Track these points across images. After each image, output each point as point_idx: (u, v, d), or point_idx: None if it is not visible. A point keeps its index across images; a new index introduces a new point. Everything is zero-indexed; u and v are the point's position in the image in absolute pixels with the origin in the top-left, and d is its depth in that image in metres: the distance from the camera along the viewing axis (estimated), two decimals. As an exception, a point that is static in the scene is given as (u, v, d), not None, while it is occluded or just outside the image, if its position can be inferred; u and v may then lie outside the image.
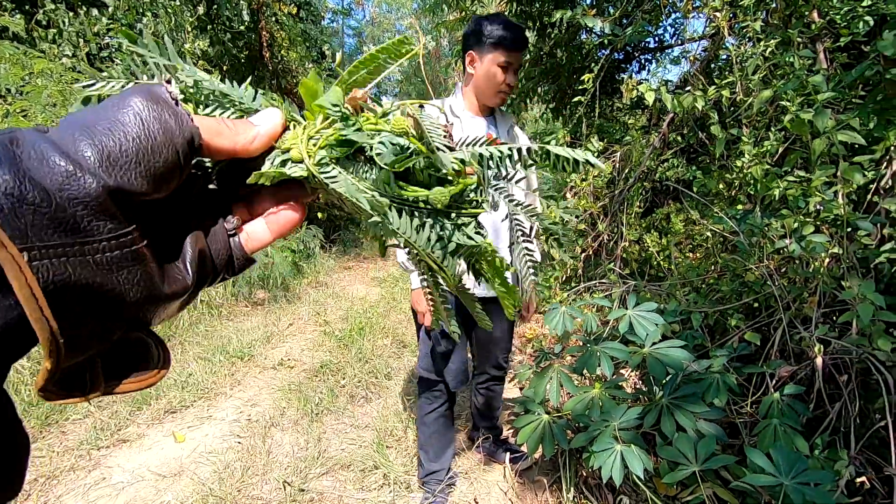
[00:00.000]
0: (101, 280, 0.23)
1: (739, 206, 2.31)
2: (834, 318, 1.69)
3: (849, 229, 1.64)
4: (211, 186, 0.34)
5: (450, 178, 0.35)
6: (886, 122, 1.81)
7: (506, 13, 3.93)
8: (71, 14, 4.22)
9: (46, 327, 0.21)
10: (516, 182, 0.46)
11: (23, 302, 0.20)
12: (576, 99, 3.44)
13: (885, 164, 1.76)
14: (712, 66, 3.41)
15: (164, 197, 0.27)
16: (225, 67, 6.07)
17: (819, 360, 1.51)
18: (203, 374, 2.98)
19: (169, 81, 0.30)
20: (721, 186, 2.46)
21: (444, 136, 0.35)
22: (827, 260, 1.70)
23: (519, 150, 0.38)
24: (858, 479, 1.33)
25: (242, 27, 6.13)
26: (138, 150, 0.25)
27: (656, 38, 4.24)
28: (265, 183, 0.33)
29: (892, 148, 1.69)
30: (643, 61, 4.37)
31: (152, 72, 0.37)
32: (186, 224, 0.31)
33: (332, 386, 2.88)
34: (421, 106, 0.37)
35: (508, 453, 2.08)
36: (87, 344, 0.24)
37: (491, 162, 0.38)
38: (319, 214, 6.61)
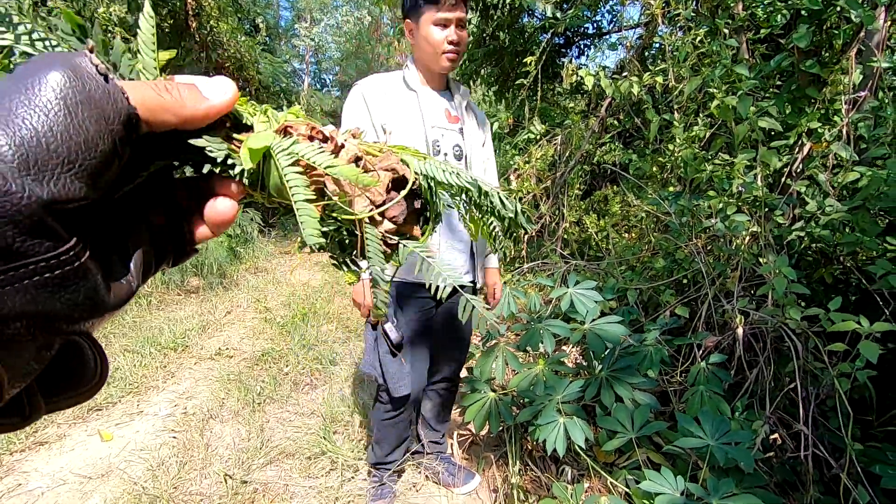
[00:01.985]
0: (42, 307, 0.20)
1: (671, 188, 2.44)
2: (753, 291, 1.83)
3: (766, 209, 1.77)
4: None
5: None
6: (799, 110, 1.97)
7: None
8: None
9: None
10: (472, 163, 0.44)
11: None
12: (518, 82, 3.47)
13: (797, 149, 1.91)
14: (647, 53, 3.55)
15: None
16: (146, 37, 5.58)
17: (740, 331, 1.63)
18: (132, 368, 2.78)
19: (91, 50, 0.24)
20: (655, 169, 2.59)
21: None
22: (747, 238, 1.83)
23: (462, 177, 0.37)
24: (772, 437, 1.46)
25: (165, -7, 5.66)
26: (69, 148, 0.20)
27: (595, 24, 4.36)
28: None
29: (804, 134, 1.84)
30: (582, 47, 4.47)
31: None
32: (124, 215, 0.26)
33: (274, 374, 2.79)
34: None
35: (453, 477, 1.90)
36: (28, 370, 0.21)
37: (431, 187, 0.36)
38: (257, 197, 6.32)
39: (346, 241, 0.35)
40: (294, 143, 0.30)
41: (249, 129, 0.31)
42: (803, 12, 1.90)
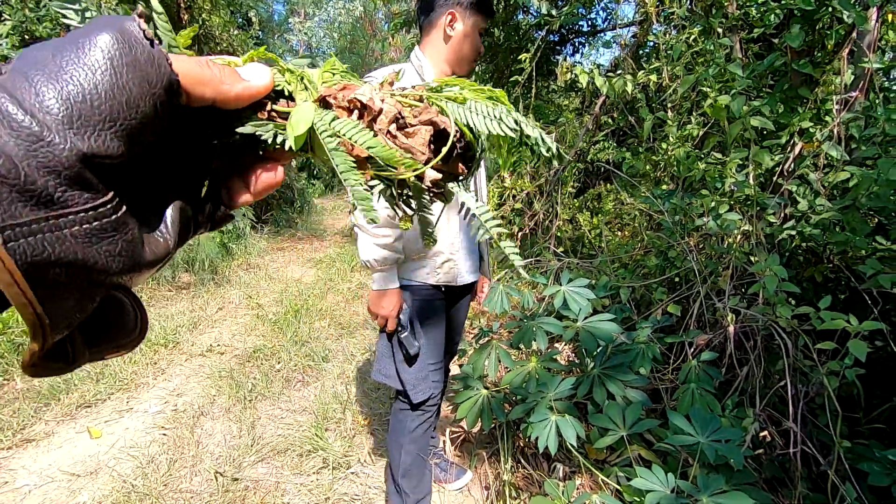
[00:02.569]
0: (81, 255, 0.21)
1: (664, 187, 2.45)
2: (744, 289, 1.84)
3: (758, 208, 1.78)
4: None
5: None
6: (791, 110, 1.98)
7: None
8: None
9: (31, 311, 0.20)
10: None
11: (3, 288, 0.19)
12: (513, 79, 3.46)
13: (789, 148, 1.92)
14: (641, 51, 3.56)
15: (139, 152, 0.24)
16: (137, 30, 5.50)
17: (731, 329, 1.64)
18: (121, 364, 2.76)
19: (141, 16, 0.24)
20: (648, 168, 2.59)
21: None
22: (739, 236, 1.84)
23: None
24: (762, 434, 1.48)
25: (156, -15, 5.57)
26: (112, 106, 0.21)
27: (589, 22, 4.35)
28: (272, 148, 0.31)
29: (796, 133, 1.85)
30: (577, 44, 4.47)
31: None
32: (163, 176, 0.27)
33: (266, 371, 2.78)
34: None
35: (445, 473, 1.89)
36: (70, 318, 0.22)
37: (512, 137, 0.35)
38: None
39: (397, 192, 0.35)
40: (334, 118, 0.31)
41: (289, 97, 0.32)
42: (796, 12, 1.91)
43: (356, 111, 0.32)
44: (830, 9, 1.80)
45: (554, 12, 3.13)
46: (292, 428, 2.27)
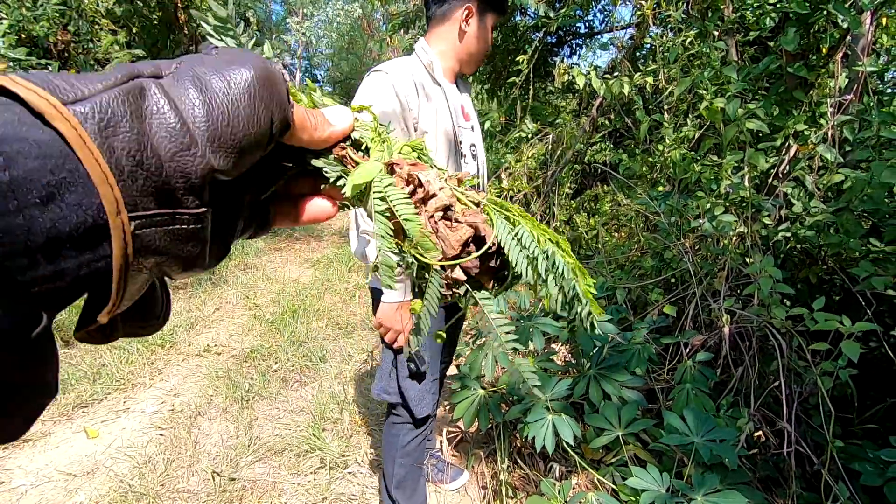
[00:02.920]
0: (173, 250, 0.24)
1: (661, 188, 2.46)
2: (739, 290, 1.85)
3: (753, 210, 1.80)
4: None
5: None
6: (786, 113, 1.99)
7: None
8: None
9: (121, 288, 0.22)
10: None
11: (115, 264, 0.21)
12: (510, 80, 3.47)
13: (784, 150, 1.94)
14: (637, 53, 3.57)
15: None
16: (135, 30, 5.49)
17: (726, 330, 1.66)
18: (118, 364, 2.75)
19: (284, 67, 0.26)
20: (644, 169, 2.61)
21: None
22: (734, 238, 1.86)
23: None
24: (756, 434, 1.49)
25: (154, -15, 5.57)
26: (243, 138, 0.25)
27: (587, 24, 4.37)
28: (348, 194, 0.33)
29: (791, 136, 1.86)
30: (574, 46, 4.49)
31: None
32: (234, 197, 0.30)
33: (263, 371, 2.78)
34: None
35: (442, 474, 1.89)
36: (131, 298, 0.24)
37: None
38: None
39: (417, 273, 0.36)
40: (390, 184, 0.33)
41: (364, 151, 0.35)
42: (791, 16, 1.93)
43: (412, 186, 0.34)
44: (825, 12, 1.82)
45: (551, 14, 3.15)
46: (289, 428, 2.27)
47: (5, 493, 1.84)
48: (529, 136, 3.70)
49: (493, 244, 0.33)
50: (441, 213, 0.33)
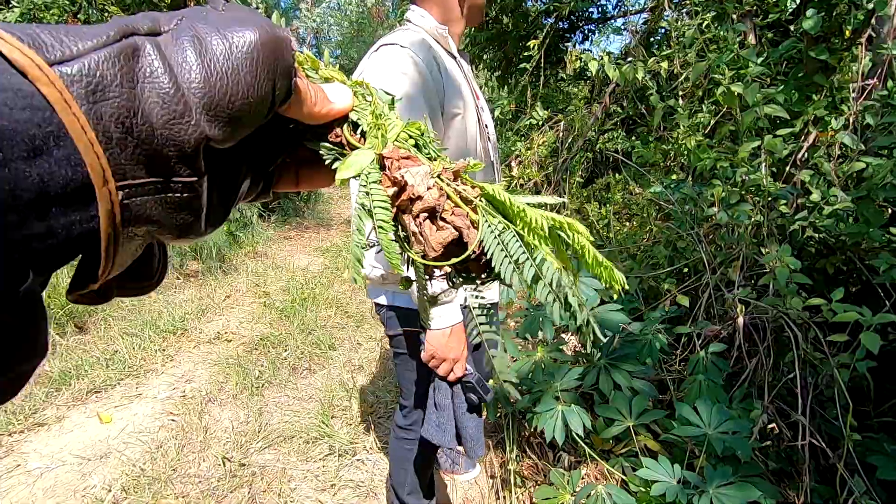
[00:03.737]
0: (165, 219, 0.23)
1: (674, 176, 2.42)
2: (754, 280, 1.82)
3: (769, 198, 1.75)
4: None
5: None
6: (806, 98, 1.94)
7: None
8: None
9: (111, 256, 0.22)
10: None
11: (102, 234, 0.20)
12: (521, 66, 3.42)
13: (802, 137, 1.89)
14: (652, 38, 3.50)
15: None
16: (143, 17, 5.47)
17: (740, 320, 1.63)
18: (130, 351, 2.79)
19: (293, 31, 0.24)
20: (658, 157, 2.56)
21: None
22: (750, 227, 1.82)
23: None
24: (769, 426, 1.46)
25: (162, -29, 5.54)
26: (241, 107, 0.23)
27: (599, 8, 4.28)
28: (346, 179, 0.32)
29: (810, 122, 1.81)
30: (587, 31, 4.40)
31: None
32: (232, 165, 0.29)
33: (273, 358, 2.80)
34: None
35: (455, 465, 1.87)
36: (125, 263, 0.24)
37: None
38: (256, 182, 6.27)
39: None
40: (375, 182, 0.32)
41: (363, 135, 0.34)
42: (813, -3, 1.86)
43: (398, 188, 0.33)
44: (849, -7, 1.75)
45: (563, -2, 3.08)
46: (299, 415, 2.29)
47: (22, 475, 1.88)
48: (540, 123, 3.65)
49: (475, 251, 0.32)
50: (426, 215, 0.32)
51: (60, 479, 1.86)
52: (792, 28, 2.02)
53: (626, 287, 0.33)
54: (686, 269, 2.06)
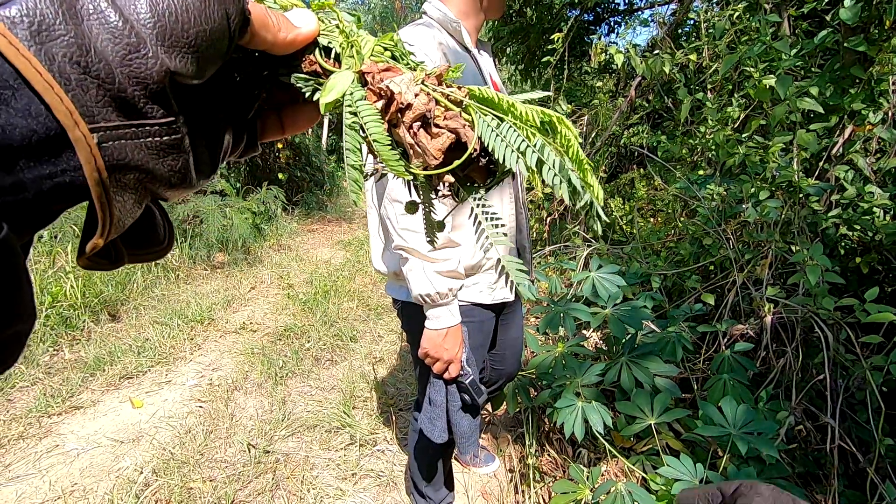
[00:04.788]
0: (153, 165, 0.23)
1: (701, 172, 2.36)
2: (783, 279, 1.77)
3: (801, 195, 1.70)
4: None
5: None
6: (842, 91, 1.87)
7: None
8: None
9: (107, 209, 0.21)
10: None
11: (90, 184, 0.20)
12: (545, 59, 3.38)
13: (837, 131, 1.82)
14: (680, 30, 3.41)
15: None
16: None
17: (768, 319, 1.59)
18: (160, 339, 2.88)
19: None
20: (684, 152, 2.51)
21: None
22: (780, 224, 1.77)
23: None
24: (797, 428, 1.43)
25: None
26: (197, 33, 0.22)
27: (626, 0, 4.19)
28: (329, 104, 0.31)
29: (846, 116, 1.75)
30: (612, 23, 4.32)
31: None
32: (210, 108, 0.29)
33: (296, 349, 2.85)
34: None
35: (476, 458, 1.88)
36: (124, 221, 0.24)
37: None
38: (280, 175, 6.37)
39: (406, 181, 0.36)
40: (361, 98, 0.31)
41: (337, 58, 0.33)
42: (852, -15, 1.79)
43: (385, 100, 0.32)
44: (891, -19, 1.68)
45: (589, -10, 3.03)
46: (321, 405, 2.33)
47: (60, 455, 1.97)
48: (564, 116, 3.60)
49: (476, 149, 0.32)
50: (419, 123, 0.31)
51: (96, 461, 1.94)
52: (828, 18, 1.95)
53: (600, 194, 0.33)
54: (712, 267, 2.02)
